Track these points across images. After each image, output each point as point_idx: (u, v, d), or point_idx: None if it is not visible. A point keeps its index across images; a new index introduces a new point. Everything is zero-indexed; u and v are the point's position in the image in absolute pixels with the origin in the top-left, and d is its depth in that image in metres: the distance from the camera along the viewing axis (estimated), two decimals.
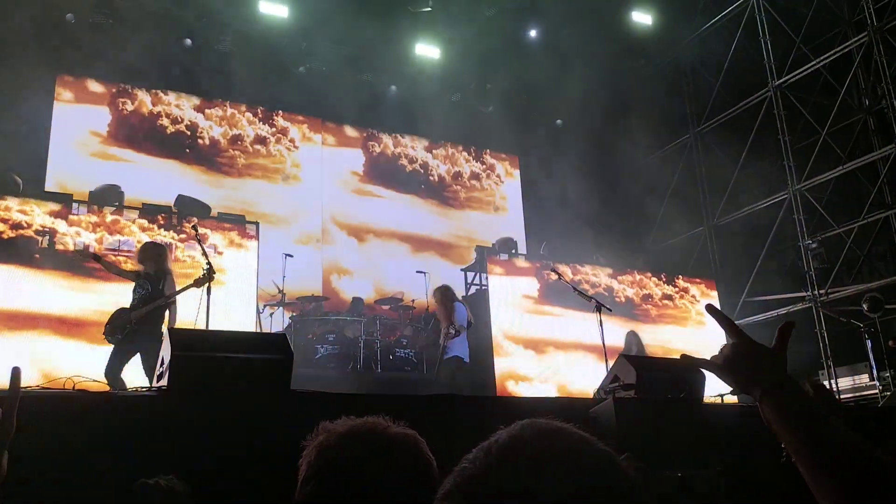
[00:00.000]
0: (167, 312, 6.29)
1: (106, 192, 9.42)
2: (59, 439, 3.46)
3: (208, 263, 6.01)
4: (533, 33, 12.34)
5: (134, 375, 6.12)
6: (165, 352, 4.06)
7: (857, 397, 10.44)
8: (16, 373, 1.25)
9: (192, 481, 3.18)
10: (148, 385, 4.91)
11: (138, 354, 6.13)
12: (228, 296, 8.99)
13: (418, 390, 8.92)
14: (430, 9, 11.64)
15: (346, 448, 1.25)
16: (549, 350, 10.52)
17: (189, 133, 11.44)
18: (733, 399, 7.17)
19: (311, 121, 12.51)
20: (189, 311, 6.23)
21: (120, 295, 6.79)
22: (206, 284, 5.88)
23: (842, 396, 10.15)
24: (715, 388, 7.58)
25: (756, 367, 1.17)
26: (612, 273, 11.61)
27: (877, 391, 10.11)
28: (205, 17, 11.02)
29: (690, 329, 11.75)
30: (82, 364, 5.82)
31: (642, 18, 12.83)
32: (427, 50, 12.40)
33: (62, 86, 10.74)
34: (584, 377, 10.03)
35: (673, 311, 11.87)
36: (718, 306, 11.96)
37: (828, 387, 9.43)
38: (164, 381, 3.98)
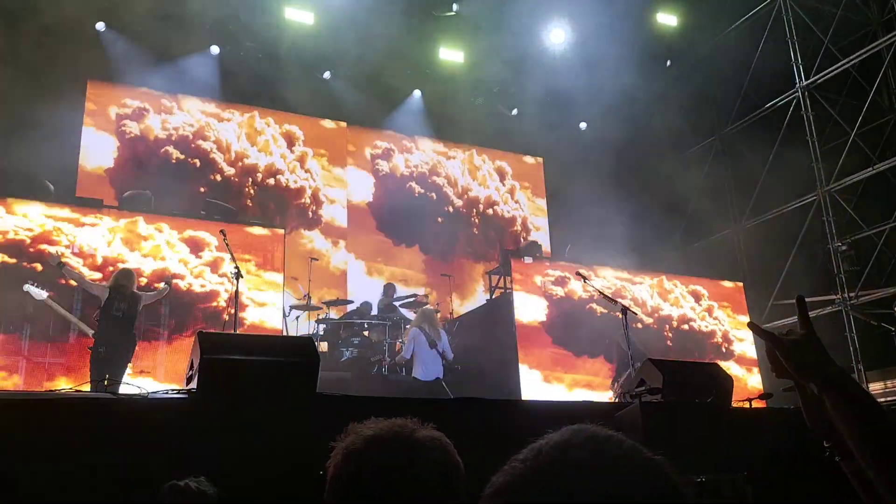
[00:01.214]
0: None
1: (136, 198, 9.55)
2: (91, 441, 3.53)
3: (236, 267, 6.10)
4: (557, 35, 12.30)
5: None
6: (195, 355, 4.12)
7: (889, 402, 10.27)
8: None
9: (221, 483, 3.23)
10: (178, 387, 4.98)
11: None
12: (255, 299, 9.10)
13: (443, 393, 8.94)
14: (454, 13, 11.68)
15: (372, 451, 1.26)
16: (556, 371, 10.33)
17: (199, 164, 11.34)
18: (761, 404, 7.09)
19: (335, 126, 12.60)
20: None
21: None
22: (235, 288, 5.97)
23: None
24: (742, 393, 7.50)
25: (822, 356, 1.24)
26: (630, 276, 11.44)
27: None
28: (231, 25, 11.16)
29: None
30: None
31: (667, 20, 12.75)
32: (451, 54, 12.44)
33: (92, 93, 10.93)
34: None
35: (689, 345, 11.44)
36: (746, 310, 11.87)
37: None
38: (193, 384, 4.04)
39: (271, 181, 11.86)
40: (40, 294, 7.10)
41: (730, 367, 11.32)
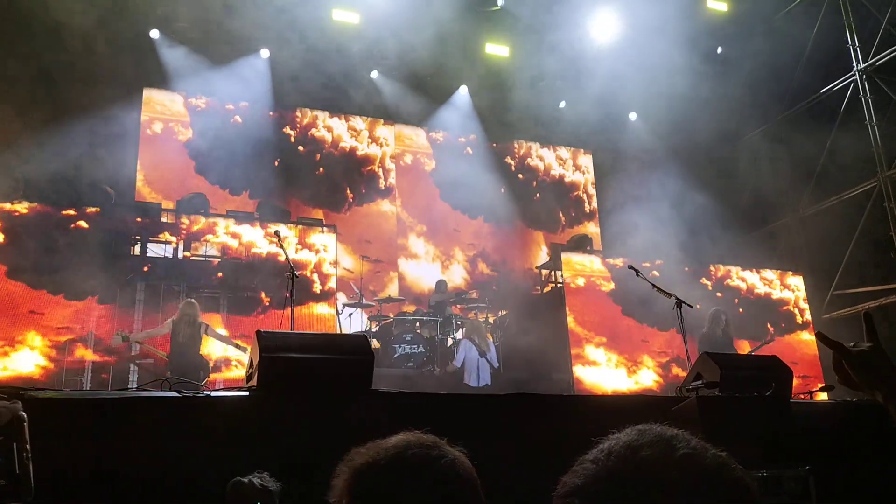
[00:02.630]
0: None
1: (193, 200, 9.79)
2: (156, 439, 3.65)
3: (291, 268, 6.22)
4: (604, 25, 12.15)
5: None
6: (254, 353, 4.23)
7: None
8: None
9: (282, 479, 3.31)
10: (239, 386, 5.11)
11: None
12: (309, 297, 9.30)
13: (495, 389, 8.96)
14: (498, 7, 11.65)
15: (381, 469, 1.23)
16: (626, 349, 10.35)
17: (263, 149, 11.63)
18: (823, 396, 6.93)
19: (383, 125, 12.75)
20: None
21: None
22: (290, 287, 6.09)
23: None
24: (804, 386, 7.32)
25: (888, 367, 1.29)
26: (687, 268, 11.26)
27: None
28: (280, 28, 11.33)
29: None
30: None
31: (717, 5, 12.49)
32: (497, 48, 12.42)
33: (148, 99, 11.25)
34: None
35: (760, 314, 11.24)
36: (806, 300, 11.56)
37: None
38: (253, 382, 4.15)
39: (335, 151, 12.23)
40: (127, 336, 7.93)
41: (803, 335, 11.16)
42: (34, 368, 7.72)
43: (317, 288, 9.38)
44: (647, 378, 10.32)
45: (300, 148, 12.03)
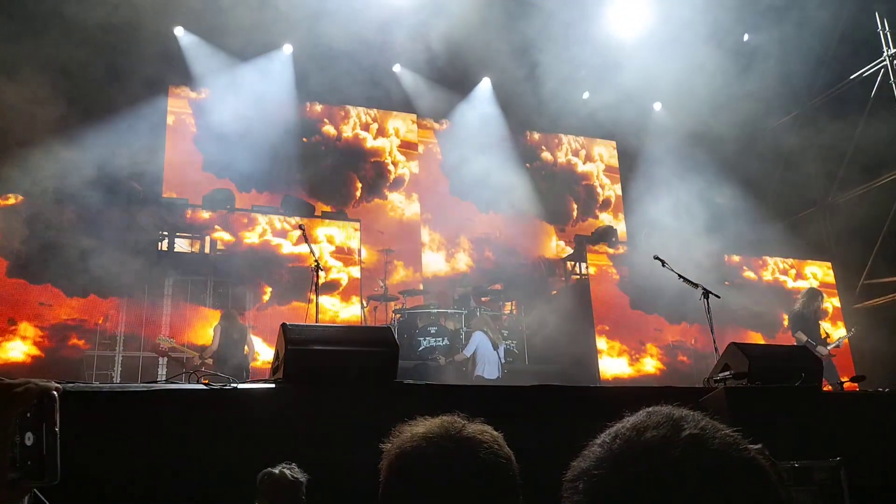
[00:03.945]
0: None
1: (218, 196, 9.88)
2: (184, 431, 3.70)
3: (316, 261, 6.27)
4: (630, 14, 12.00)
5: None
6: (280, 346, 4.26)
7: None
8: None
9: (309, 470, 3.34)
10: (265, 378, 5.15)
11: None
12: (334, 291, 9.36)
13: (520, 381, 8.95)
14: None
15: (424, 449, 1.26)
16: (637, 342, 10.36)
17: (279, 146, 11.70)
18: (854, 387, 6.84)
19: (405, 117, 12.76)
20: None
21: None
22: (314, 281, 6.14)
23: None
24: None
25: None
26: (714, 259, 11.16)
27: None
28: (303, 23, 11.35)
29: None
30: None
31: None
32: (520, 39, 12.32)
33: (173, 95, 11.35)
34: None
35: (772, 300, 11.20)
36: (836, 291, 11.41)
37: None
38: (279, 374, 4.18)
39: (340, 144, 12.29)
40: (170, 342, 8.24)
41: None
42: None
43: (319, 280, 9.49)
44: (648, 365, 10.44)
45: (304, 139, 12.05)
